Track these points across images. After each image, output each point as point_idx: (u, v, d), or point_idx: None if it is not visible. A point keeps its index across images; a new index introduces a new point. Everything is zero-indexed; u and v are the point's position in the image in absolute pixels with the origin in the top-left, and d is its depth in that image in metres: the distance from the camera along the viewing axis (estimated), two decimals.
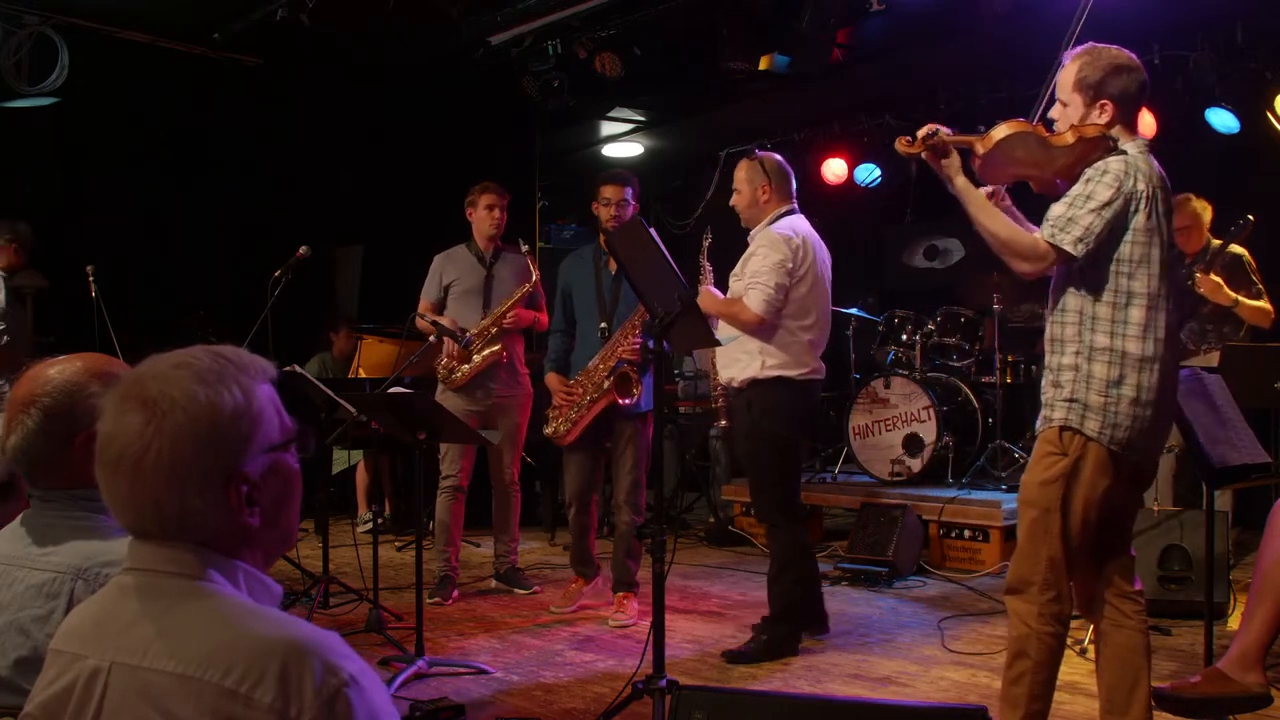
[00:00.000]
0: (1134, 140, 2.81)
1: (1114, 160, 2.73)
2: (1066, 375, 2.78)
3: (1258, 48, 6.08)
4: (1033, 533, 2.78)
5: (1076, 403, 2.74)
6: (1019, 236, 2.78)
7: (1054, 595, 2.75)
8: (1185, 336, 5.34)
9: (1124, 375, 2.71)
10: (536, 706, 3.66)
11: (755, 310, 4.03)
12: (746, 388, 4.14)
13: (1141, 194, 2.70)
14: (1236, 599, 4.51)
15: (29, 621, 1.64)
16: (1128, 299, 2.72)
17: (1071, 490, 2.73)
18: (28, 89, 5.97)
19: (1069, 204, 2.72)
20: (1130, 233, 2.71)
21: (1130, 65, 2.81)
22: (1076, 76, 2.83)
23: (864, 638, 4.46)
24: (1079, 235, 2.69)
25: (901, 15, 5.69)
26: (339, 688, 1.15)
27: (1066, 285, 2.81)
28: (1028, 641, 2.76)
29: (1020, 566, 2.81)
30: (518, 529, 5.43)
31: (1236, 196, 5.64)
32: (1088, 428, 2.72)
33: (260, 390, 1.29)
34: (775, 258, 4.06)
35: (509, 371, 5.18)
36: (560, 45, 6.30)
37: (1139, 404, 2.71)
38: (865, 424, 6.47)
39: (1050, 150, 2.80)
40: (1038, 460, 2.81)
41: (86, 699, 1.22)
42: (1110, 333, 2.72)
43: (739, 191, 4.27)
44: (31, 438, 1.69)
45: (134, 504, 1.23)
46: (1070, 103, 2.85)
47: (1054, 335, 2.84)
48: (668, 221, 9.03)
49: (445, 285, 5.25)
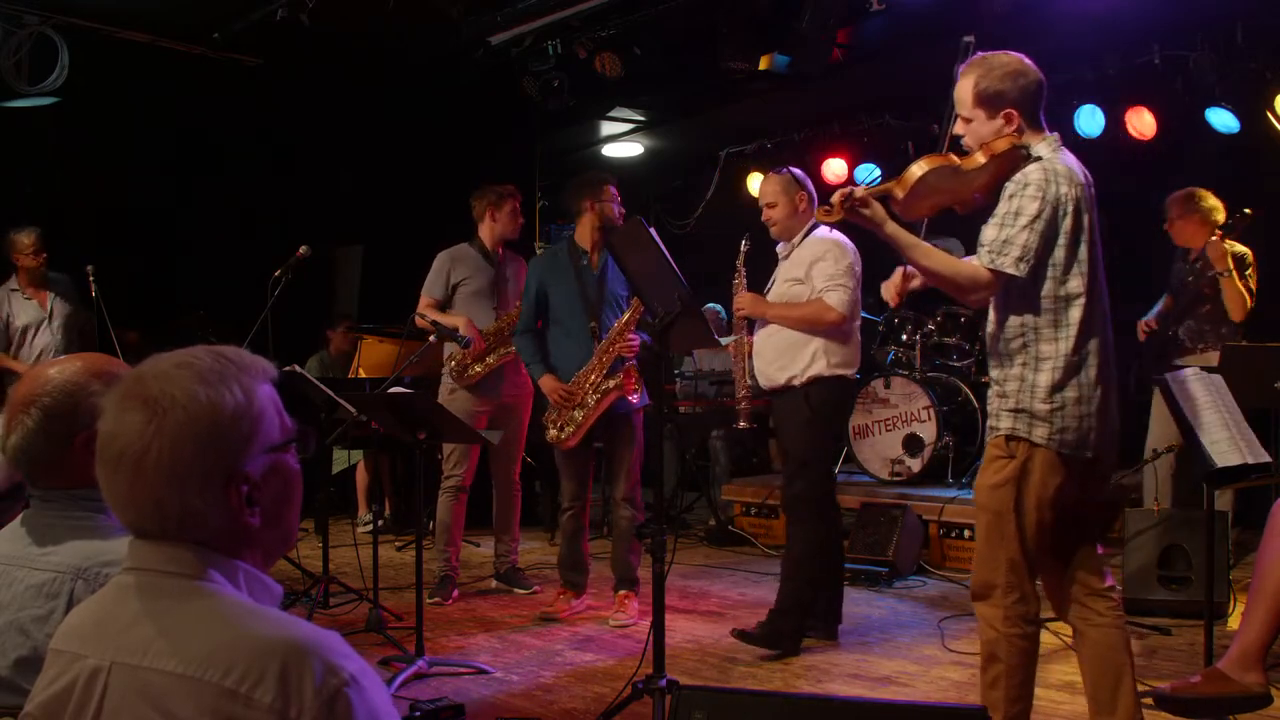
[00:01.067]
0: (1045, 140, 2.80)
1: (1033, 170, 2.72)
2: (1012, 385, 2.78)
3: (1258, 48, 6.07)
4: (990, 537, 2.78)
5: (1023, 413, 2.75)
6: (959, 270, 2.79)
7: (1018, 597, 2.75)
8: (1184, 335, 5.34)
9: (1067, 379, 2.71)
10: (536, 706, 3.66)
11: (840, 310, 4.15)
12: (806, 386, 4.19)
13: (1065, 196, 2.69)
14: (1236, 599, 4.51)
15: (29, 621, 1.64)
16: (1066, 302, 2.72)
17: (1023, 492, 2.73)
18: (28, 89, 5.97)
19: (999, 225, 2.71)
20: (1063, 236, 2.70)
21: (1024, 69, 2.80)
22: (974, 91, 2.81)
23: (864, 638, 4.46)
24: (1018, 255, 2.68)
25: (901, 15, 5.69)
26: (339, 687, 1.15)
27: (1006, 300, 2.81)
28: (997, 645, 2.76)
29: (982, 571, 2.81)
30: (518, 529, 5.43)
31: (1236, 196, 5.63)
32: (1036, 435, 2.72)
33: (261, 390, 1.29)
34: (846, 261, 4.22)
35: (516, 372, 5.19)
36: (560, 45, 6.30)
37: (1082, 403, 2.72)
38: (865, 424, 6.46)
39: (965, 176, 2.81)
40: (987, 465, 2.81)
41: (86, 699, 1.22)
42: (1055, 339, 2.73)
43: (775, 205, 4.31)
44: (31, 437, 1.69)
45: (134, 503, 1.23)
46: (974, 118, 2.84)
47: (997, 350, 2.84)
48: (668, 221, 9.03)
49: (454, 284, 5.23)
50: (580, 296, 4.78)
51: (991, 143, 2.79)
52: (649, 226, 3.43)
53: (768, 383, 4.34)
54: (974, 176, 2.80)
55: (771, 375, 4.30)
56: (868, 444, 6.46)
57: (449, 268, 5.23)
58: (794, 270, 4.27)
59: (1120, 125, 6.69)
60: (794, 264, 4.29)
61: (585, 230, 4.86)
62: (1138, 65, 6.42)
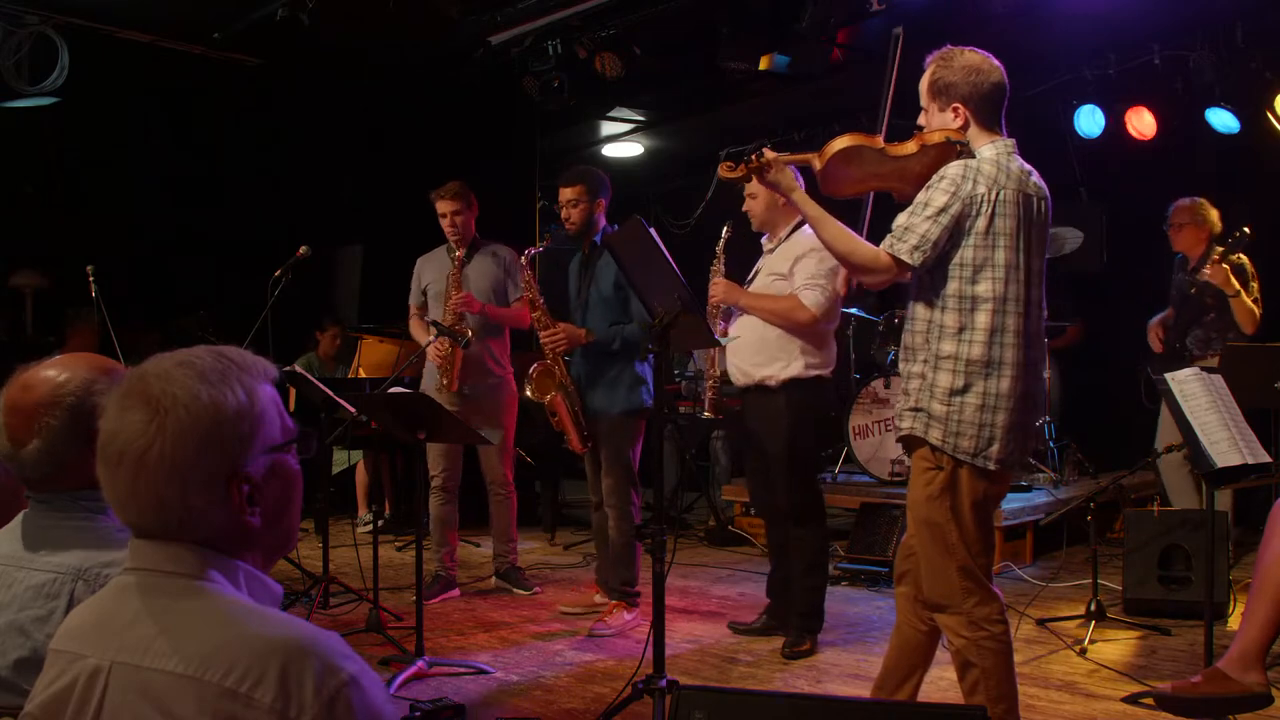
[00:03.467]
0: (994, 143, 2.77)
1: (953, 165, 2.71)
2: (914, 384, 2.77)
3: (1258, 48, 6.07)
4: (935, 548, 2.75)
5: (921, 412, 2.74)
6: (858, 248, 2.77)
7: (976, 600, 2.73)
8: (1192, 344, 5.34)
9: (969, 383, 2.69)
10: (536, 706, 3.66)
11: (813, 311, 4.09)
12: (783, 387, 4.16)
13: (981, 197, 2.66)
14: (1236, 599, 4.51)
15: (29, 622, 1.64)
16: (973, 304, 2.69)
17: (956, 499, 2.71)
18: (28, 89, 5.97)
19: (910, 213, 2.71)
20: (971, 236, 2.68)
21: (982, 66, 2.78)
22: (930, 80, 2.83)
23: (864, 638, 4.46)
24: (915, 244, 2.67)
25: (901, 15, 5.69)
26: (339, 688, 1.15)
27: (915, 292, 2.81)
28: (968, 651, 2.75)
29: (934, 583, 2.78)
30: (515, 529, 5.36)
31: (1236, 196, 5.63)
32: (931, 437, 2.70)
33: (263, 391, 1.29)
34: (831, 262, 4.09)
35: (483, 371, 5.09)
36: (560, 45, 6.30)
37: (985, 410, 2.68)
38: (865, 424, 6.46)
39: (894, 161, 2.79)
40: (917, 476, 2.78)
41: (87, 698, 1.22)
42: (956, 339, 2.70)
43: (755, 196, 4.28)
44: (59, 439, 1.68)
45: (135, 501, 1.23)
46: (928, 109, 2.85)
47: (905, 343, 2.84)
48: (668, 221, 9.03)
49: (424, 288, 5.25)
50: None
51: (927, 134, 2.79)
52: (649, 226, 3.43)
53: (743, 379, 4.29)
54: (907, 163, 2.78)
55: (748, 371, 4.25)
56: (868, 444, 6.45)
57: (419, 273, 5.30)
58: (779, 265, 4.22)
59: (1120, 125, 6.69)
60: (779, 258, 4.24)
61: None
62: (1138, 65, 6.41)
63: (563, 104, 6.61)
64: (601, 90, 6.76)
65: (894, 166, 2.80)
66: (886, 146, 2.79)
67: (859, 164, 2.81)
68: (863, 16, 5.79)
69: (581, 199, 4.71)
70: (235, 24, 6.16)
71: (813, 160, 2.82)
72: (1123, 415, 6.53)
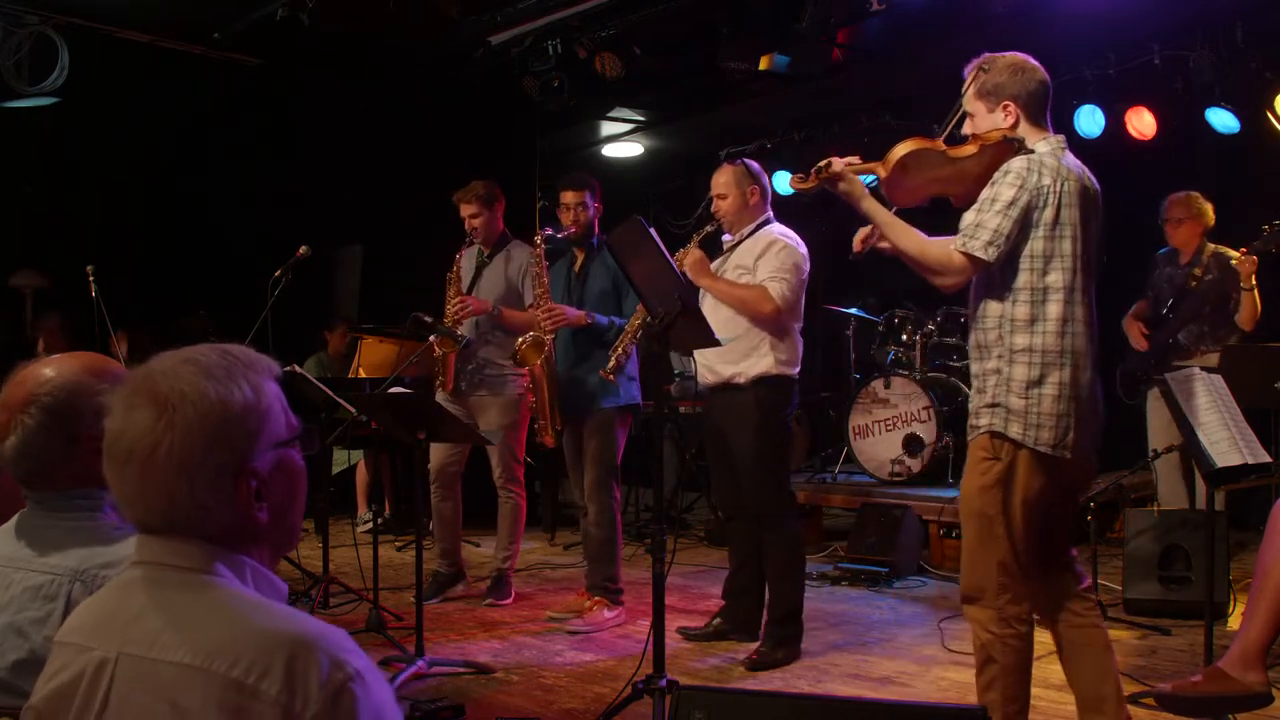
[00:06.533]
0: (1046, 139, 2.81)
1: (1016, 160, 2.74)
2: (990, 380, 2.78)
3: (1258, 48, 6.07)
4: (979, 540, 2.77)
5: (999, 407, 2.75)
6: (930, 250, 2.79)
7: (1009, 598, 2.74)
8: (1184, 339, 5.34)
9: (1044, 374, 2.71)
10: (536, 706, 3.66)
11: (777, 302, 4.06)
12: (752, 384, 4.13)
13: (1048, 189, 2.70)
14: (1236, 599, 4.51)
15: (27, 623, 1.64)
16: (1044, 295, 2.72)
17: (1010, 493, 2.73)
18: (28, 89, 5.96)
19: (977, 210, 2.73)
20: (1040, 228, 2.71)
21: (1028, 66, 2.83)
22: (976, 85, 2.85)
23: (864, 638, 4.46)
24: (988, 239, 2.69)
25: (901, 15, 5.69)
26: (344, 682, 1.16)
27: (984, 289, 2.82)
28: (992, 647, 2.76)
29: (972, 575, 2.80)
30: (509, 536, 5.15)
31: (1236, 196, 5.63)
32: (1011, 431, 2.72)
33: (268, 387, 1.30)
34: (793, 259, 4.14)
35: (488, 373, 5.07)
36: (560, 45, 6.29)
37: (1060, 400, 2.71)
38: (865, 424, 6.46)
39: (955, 163, 2.81)
40: (973, 466, 2.80)
41: (93, 690, 1.22)
42: (1029, 331, 2.72)
43: (725, 196, 4.27)
44: (33, 437, 1.69)
45: (144, 498, 1.24)
46: (975, 111, 2.87)
47: (977, 341, 2.84)
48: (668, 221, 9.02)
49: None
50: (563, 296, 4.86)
51: (985, 133, 2.81)
52: (649, 226, 3.43)
53: (711, 377, 4.23)
54: (966, 165, 2.80)
55: (716, 369, 4.21)
56: (868, 444, 6.46)
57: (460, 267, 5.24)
58: (744, 259, 4.20)
59: (1120, 125, 6.69)
60: (743, 253, 4.22)
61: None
62: (1138, 65, 6.41)
63: (563, 104, 6.61)
64: (601, 90, 6.76)
65: (954, 169, 2.82)
66: (948, 149, 2.81)
67: (918, 169, 2.83)
68: (863, 16, 5.79)
69: (585, 203, 4.77)
70: (235, 24, 6.15)
71: (877, 169, 2.84)
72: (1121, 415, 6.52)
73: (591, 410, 4.69)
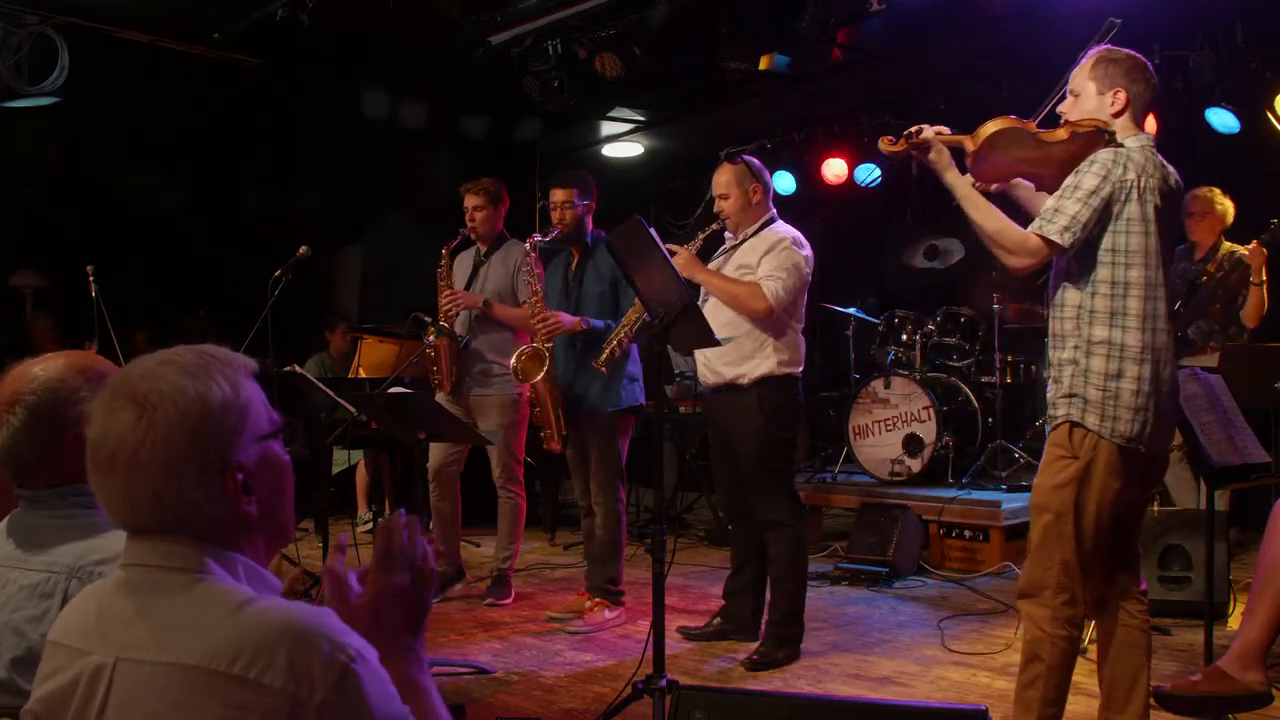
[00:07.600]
0: (1137, 135, 2.81)
1: (1104, 151, 2.73)
2: (1066, 370, 2.77)
3: (1258, 48, 6.07)
4: (1046, 537, 2.76)
5: (1076, 397, 2.74)
6: (1008, 230, 2.77)
7: (1067, 599, 2.74)
8: (1193, 334, 5.34)
9: (1123, 368, 2.70)
10: (536, 706, 3.66)
11: (770, 301, 4.02)
12: (755, 385, 4.10)
13: (1131, 183, 2.69)
14: (1236, 599, 4.51)
15: (24, 622, 1.64)
16: (1125, 290, 2.71)
17: (1084, 493, 2.72)
18: (28, 89, 5.96)
19: (1058, 196, 2.73)
20: (1125, 222, 2.70)
21: (1146, 67, 2.85)
22: (1092, 65, 2.85)
23: (864, 638, 4.46)
24: (1064, 224, 2.68)
25: (901, 15, 5.69)
26: (347, 664, 1.18)
27: (1064, 279, 2.81)
28: (1041, 645, 2.75)
29: (1034, 570, 2.79)
30: (509, 535, 5.14)
31: (1237, 196, 5.63)
32: (1089, 422, 2.71)
33: (246, 383, 1.31)
34: (795, 259, 4.10)
35: (486, 372, 5.05)
36: (560, 45, 6.29)
37: (1139, 395, 2.70)
38: (865, 424, 6.46)
39: (1044, 146, 2.80)
40: (1049, 463, 2.79)
41: (91, 695, 1.22)
42: (1109, 325, 2.72)
43: (727, 196, 4.24)
44: (18, 436, 1.69)
45: (131, 501, 1.24)
46: (1082, 91, 2.86)
47: (1054, 330, 2.84)
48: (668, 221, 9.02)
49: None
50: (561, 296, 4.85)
51: (1079, 121, 2.80)
52: (649, 226, 3.43)
53: (713, 378, 4.20)
54: (1054, 150, 2.79)
55: (718, 370, 4.18)
56: (868, 444, 6.45)
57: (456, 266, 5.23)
58: (747, 257, 4.17)
59: None
60: (747, 251, 4.18)
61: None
62: None
63: (563, 104, 6.61)
64: (601, 90, 6.75)
65: (1041, 153, 2.81)
66: (1039, 132, 2.80)
67: (1005, 148, 2.82)
68: (863, 16, 5.78)
69: (573, 201, 4.73)
70: (235, 24, 6.15)
71: (965, 142, 2.82)
72: None
73: (594, 414, 4.68)
